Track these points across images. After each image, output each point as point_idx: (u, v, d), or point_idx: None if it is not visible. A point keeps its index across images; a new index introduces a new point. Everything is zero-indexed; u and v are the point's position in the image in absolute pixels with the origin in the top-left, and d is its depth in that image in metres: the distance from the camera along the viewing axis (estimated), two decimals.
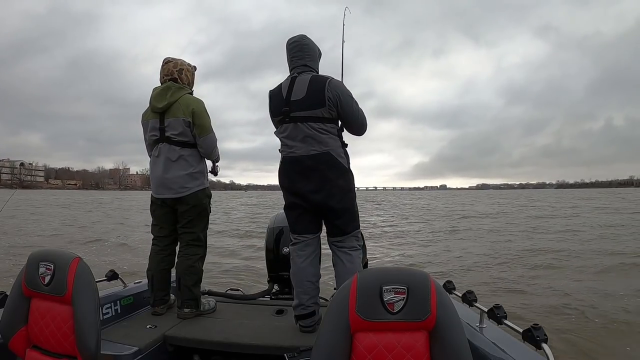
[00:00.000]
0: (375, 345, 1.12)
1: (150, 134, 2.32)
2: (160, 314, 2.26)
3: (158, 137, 2.29)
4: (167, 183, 2.29)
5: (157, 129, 2.29)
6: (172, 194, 2.29)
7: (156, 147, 2.31)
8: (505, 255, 8.27)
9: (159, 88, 2.32)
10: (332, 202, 2.00)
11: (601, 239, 10.58)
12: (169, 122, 2.27)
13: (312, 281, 2.05)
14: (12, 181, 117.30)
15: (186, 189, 2.29)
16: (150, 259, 2.38)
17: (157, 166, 2.31)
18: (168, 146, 2.28)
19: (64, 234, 12.10)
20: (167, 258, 2.39)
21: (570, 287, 5.73)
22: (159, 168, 2.30)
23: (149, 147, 2.38)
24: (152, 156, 2.36)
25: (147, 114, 2.35)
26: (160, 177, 2.30)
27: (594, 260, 7.55)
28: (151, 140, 2.33)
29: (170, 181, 2.28)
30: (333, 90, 1.99)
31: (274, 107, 2.09)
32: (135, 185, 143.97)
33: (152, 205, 2.40)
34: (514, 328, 1.55)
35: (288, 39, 2.15)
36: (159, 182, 2.31)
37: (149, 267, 2.36)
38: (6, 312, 1.51)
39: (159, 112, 2.29)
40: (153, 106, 2.29)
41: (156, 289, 2.31)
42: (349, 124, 2.09)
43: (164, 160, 2.29)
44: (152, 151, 2.36)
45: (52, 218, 17.66)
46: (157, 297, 2.30)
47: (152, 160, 2.36)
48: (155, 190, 2.34)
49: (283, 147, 2.10)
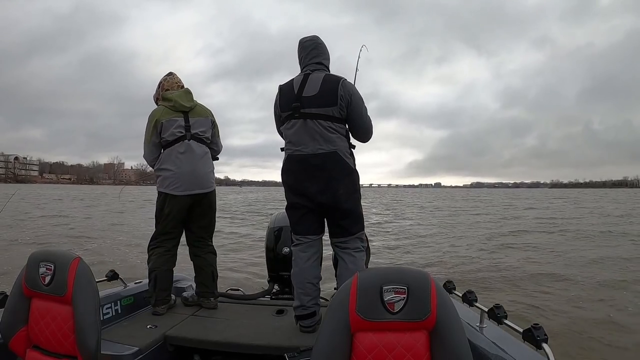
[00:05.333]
0: (376, 345, 1.12)
1: (176, 130, 2.33)
2: (161, 314, 2.26)
3: (184, 134, 2.34)
4: (198, 178, 2.34)
5: (183, 126, 2.34)
6: (201, 189, 2.36)
7: (181, 144, 2.33)
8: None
9: (180, 91, 2.40)
10: (338, 202, 1.98)
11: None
12: (195, 120, 2.37)
13: (314, 282, 2.04)
14: (6, 175, 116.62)
15: (212, 184, 2.43)
16: (154, 260, 2.34)
17: (187, 162, 2.32)
18: (196, 143, 2.36)
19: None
20: (172, 258, 2.40)
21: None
22: (189, 164, 2.32)
23: (169, 143, 2.34)
24: (173, 153, 2.33)
25: (167, 112, 2.35)
26: (191, 173, 2.32)
27: None
28: (174, 137, 2.33)
29: (201, 177, 2.36)
30: (346, 90, 1.98)
31: (284, 101, 2.06)
32: (129, 180, 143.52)
33: (171, 204, 2.33)
34: (514, 328, 1.55)
35: (301, 38, 2.16)
36: (191, 178, 2.32)
37: (152, 267, 2.33)
38: (6, 312, 1.51)
39: (184, 112, 2.36)
40: (180, 105, 2.36)
41: (159, 289, 2.30)
42: (355, 128, 2.07)
43: (194, 156, 2.34)
44: (169, 147, 2.33)
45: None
46: (160, 297, 2.30)
47: (176, 156, 2.32)
48: (186, 186, 2.31)
49: (288, 145, 2.06)
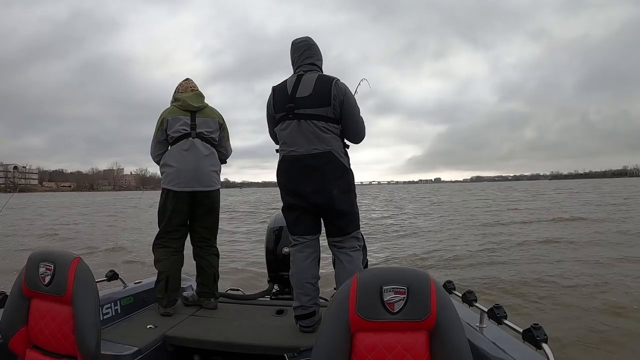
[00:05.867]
0: (376, 345, 1.12)
1: (181, 127, 2.37)
2: (170, 315, 2.25)
3: (188, 132, 2.37)
4: (200, 176, 2.36)
5: (189, 124, 2.38)
6: (203, 187, 2.36)
7: (186, 141, 2.36)
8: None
9: (191, 93, 2.45)
10: (333, 202, 1.99)
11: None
12: (201, 120, 2.41)
13: (312, 282, 2.05)
14: (5, 185, 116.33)
15: (215, 184, 2.43)
16: (164, 261, 2.33)
17: (189, 159, 2.34)
18: (201, 142, 2.38)
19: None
20: (180, 259, 2.40)
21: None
22: (192, 161, 2.34)
23: (175, 140, 2.36)
24: (177, 150, 2.36)
25: (174, 111, 2.40)
26: (194, 170, 2.35)
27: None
28: (178, 134, 2.36)
29: (203, 175, 2.37)
30: (339, 90, 2.00)
31: (278, 102, 2.08)
32: (129, 185, 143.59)
33: (173, 201, 2.34)
34: (514, 328, 1.55)
35: (294, 39, 2.17)
36: (192, 175, 2.34)
37: (163, 268, 2.31)
38: (6, 312, 1.51)
39: (191, 111, 2.40)
40: (188, 105, 2.40)
41: (170, 290, 2.29)
42: (347, 128, 2.07)
43: (198, 154, 2.36)
44: (175, 144, 2.36)
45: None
46: (171, 298, 2.29)
47: (179, 153, 2.36)
48: (186, 183, 2.34)
49: (283, 145, 2.08)
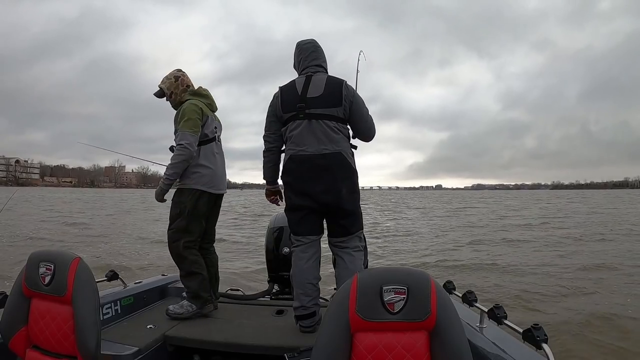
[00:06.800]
0: (376, 345, 1.12)
1: (214, 129, 2.37)
2: (215, 309, 2.31)
3: (216, 135, 2.40)
4: (224, 179, 2.45)
5: (217, 127, 2.41)
6: (225, 189, 2.47)
7: (215, 144, 2.38)
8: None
9: (203, 90, 2.41)
10: (341, 202, 2.01)
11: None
12: (218, 123, 2.44)
13: (313, 283, 2.05)
14: (7, 178, 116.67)
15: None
16: (199, 263, 2.28)
17: (220, 162, 2.41)
18: (220, 145, 2.46)
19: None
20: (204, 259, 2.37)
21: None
22: (221, 164, 2.43)
23: (208, 141, 2.33)
24: (210, 151, 2.33)
25: (207, 109, 2.35)
26: (222, 173, 2.43)
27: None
28: (212, 135, 2.35)
29: (224, 178, 2.45)
30: (349, 91, 2.04)
31: (286, 102, 2.06)
32: (130, 183, 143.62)
33: (208, 202, 2.32)
34: (514, 328, 1.55)
35: (299, 41, 2.17)
36: (222, 178, 2.41)
37: (198, 269, 2.26)
38: (6, 312, 1.51)
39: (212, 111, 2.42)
40: (214, 105, 2.43)
41: (204, 290, 2.25)
42: (358, 127, 2.10)
43: (223, 157, 2.45)
44: (206, 145, 2.32)
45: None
46: (206, 298, 2.26)
47: (213, 155, 2.34)
48: (219, 185, 2.39)
49: (290, 145, 2.06)
